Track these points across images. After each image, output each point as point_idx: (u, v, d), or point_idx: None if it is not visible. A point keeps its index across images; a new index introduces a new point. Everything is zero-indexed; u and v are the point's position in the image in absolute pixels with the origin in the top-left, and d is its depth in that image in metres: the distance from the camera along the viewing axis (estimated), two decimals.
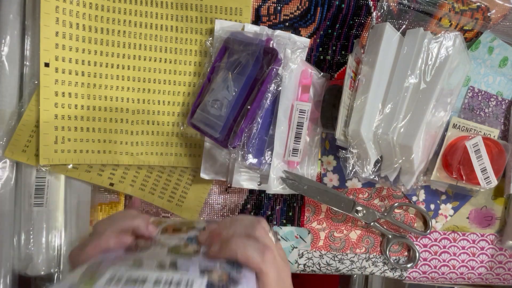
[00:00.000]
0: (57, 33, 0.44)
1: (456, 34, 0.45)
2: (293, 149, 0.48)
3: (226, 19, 0.49)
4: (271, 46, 0.46)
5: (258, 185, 0.50)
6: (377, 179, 0.50)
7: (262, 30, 0.48)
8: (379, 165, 0.49)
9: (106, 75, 0.47)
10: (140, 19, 0.48)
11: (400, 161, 0.47)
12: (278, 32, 0.49)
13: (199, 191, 0.52)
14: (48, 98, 0.44)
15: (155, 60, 0.49)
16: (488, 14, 0.51)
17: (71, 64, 0.45)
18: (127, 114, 0.48)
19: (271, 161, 0.47)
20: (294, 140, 0.48)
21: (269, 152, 0.48)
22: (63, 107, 0.45)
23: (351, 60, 0.48)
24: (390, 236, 0.54)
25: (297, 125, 0.48)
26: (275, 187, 0.48)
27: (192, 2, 0.48)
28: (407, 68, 0.45)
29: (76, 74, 0.46)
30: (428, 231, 0.54)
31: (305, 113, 0.48)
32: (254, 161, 0.47)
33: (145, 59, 0.48)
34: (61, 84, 0.45)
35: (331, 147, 0.53)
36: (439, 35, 0.46)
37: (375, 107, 0.46)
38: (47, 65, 0.44)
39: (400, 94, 0.46)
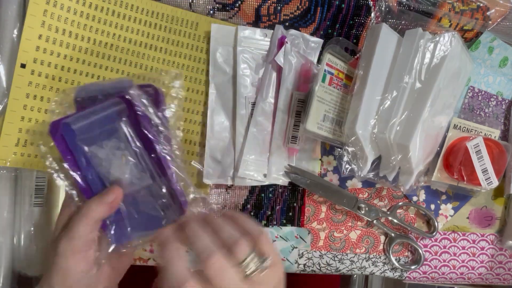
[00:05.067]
0: (40, 36, 0.43)
1: (453, 33, 0.45)
2: (292, 136, 0.50)
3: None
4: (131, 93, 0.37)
5: (264, 176, 0.51)
6: (375, 178, 0.50)
7: (277, 29, 0.49)
8: (375, 163, 0.49)
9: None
10: (130, 35, 0.47)
11: (398, 160, 0.47)
12: (292, 31, 0.50)
13: None
14: (18, 99, 0.43)
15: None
16: (488, 13, 0.52)
17: (49, 68, 0.44)
18: None
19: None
20: (293, 128, 0.50)
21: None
22: (32, 110, 0.44)
23: (330, 57, 0.49)
24: (393, 235, 0.54)
25: (296, 114, 0.50)
26: (275, 173, 0.51)
27: (186, 30, 0.49)
28: (404, 67, 0.46)
29: (53, 79, 0.45)
30: (435, 233, 0.54)
31: (303, 102, 0.49)
32: None
33: (128, 75, 0.48)
34: (35, 87, 0.44)
35: (331, 147, 0.54)
36: (436, 35, 0.46)
37: (371, 106, 0.46)
38: (23, 66, 0.43)
39: (397, 93, 0.46)
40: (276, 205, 0.54)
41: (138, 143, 0.38)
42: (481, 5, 0.51)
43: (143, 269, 0.62)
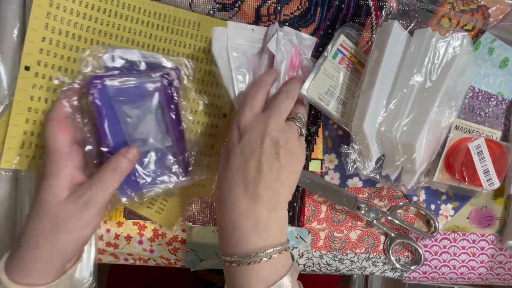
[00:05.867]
0: (44, 38, 0.44)
1: (464, 34, 0.45)
2: None
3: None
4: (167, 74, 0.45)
5: None
6: (378, 177, 0.50)
7: (272, 27, 0.49)
8: (380, 162, 0.49)
9: None
10: (133, 37, 0.47)
11: (402, 159, 0.47)
12: (286, 28, 0.49)
13: (179, 203, 0.52)
14: (22, 101, 0.44)
15: None
16: (489, 11, 0.51)
17: (53, 70, 0.44)
18: None
19: None
20: None
21: None
22: (37, 112, 0.44)
23: (344, 39, 0.49)
24: (393, 235, 0.54)
25: None
26: None
27: (189, 30, 0.49)
28: (414, 66, 0.45)
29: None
30: (435, 234, 0.54)
31: None
32: None
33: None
34: (39, 89, 0.44)
35: (333, 145, 0.53)
36: (447, 34, 0.46)
37: (379, 104, 0.46)
38: (27, 68, 0.43)
39: (405, 92, 0.46)
40: None
41: (166, 112, 0.44)
42: (481, 3, 0.51)
43: (143, 269, 0.62)
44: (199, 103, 0.51)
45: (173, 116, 0.45)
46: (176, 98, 0.45)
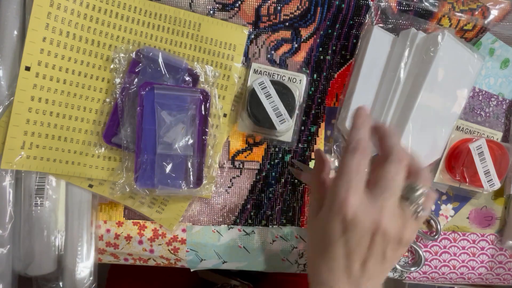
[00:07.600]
0: (44, 38, 0.44)
1: (443, 31, 0.46)
2: None
3: (219, 52, 0.49)
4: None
5: None
6: None
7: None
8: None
9: (89, 86, 0.47)
10: (133, 37, 0.47)
11: None
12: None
13: (179, 203, 0.52)
14: (23, 102, 0.44)
15: None
16: (489, 10, 0.51)
17: (53, 70, 0.45)
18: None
19: None
20: None
21: None
22: (37, 113, 0.45)
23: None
24: None
25: None
26: None
27: (189, 31, 0.49)
28: (396, 66, 0.47)
29: (58, 81, 0.45)
30: (437, 236, 0.54)
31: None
32: None
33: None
34: (40, 89, 0.44)
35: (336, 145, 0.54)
36: (429, 31, 0.47)
37: (365, 104, 0.48)
38: (27, 68, 0.43)
39: (389, 91, 0.47)
40: (276, 205, 0.54)
41: (196, 125, 0.49)
42: (481, 5, 0.51)
43: (143, 269, 0.62)
44: None
45: (200, 130, 0.49)
46: (207, 114, 0.49)
